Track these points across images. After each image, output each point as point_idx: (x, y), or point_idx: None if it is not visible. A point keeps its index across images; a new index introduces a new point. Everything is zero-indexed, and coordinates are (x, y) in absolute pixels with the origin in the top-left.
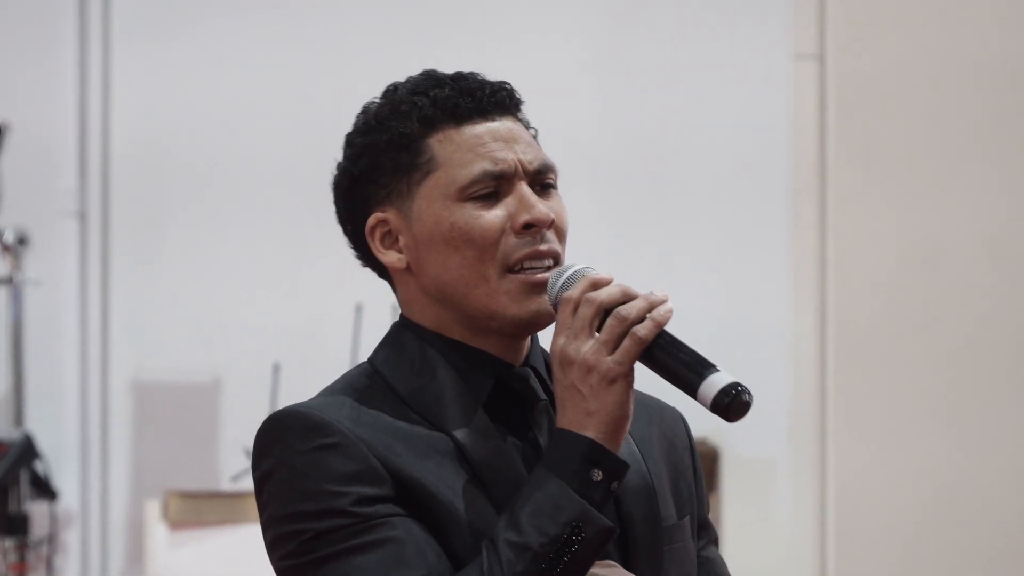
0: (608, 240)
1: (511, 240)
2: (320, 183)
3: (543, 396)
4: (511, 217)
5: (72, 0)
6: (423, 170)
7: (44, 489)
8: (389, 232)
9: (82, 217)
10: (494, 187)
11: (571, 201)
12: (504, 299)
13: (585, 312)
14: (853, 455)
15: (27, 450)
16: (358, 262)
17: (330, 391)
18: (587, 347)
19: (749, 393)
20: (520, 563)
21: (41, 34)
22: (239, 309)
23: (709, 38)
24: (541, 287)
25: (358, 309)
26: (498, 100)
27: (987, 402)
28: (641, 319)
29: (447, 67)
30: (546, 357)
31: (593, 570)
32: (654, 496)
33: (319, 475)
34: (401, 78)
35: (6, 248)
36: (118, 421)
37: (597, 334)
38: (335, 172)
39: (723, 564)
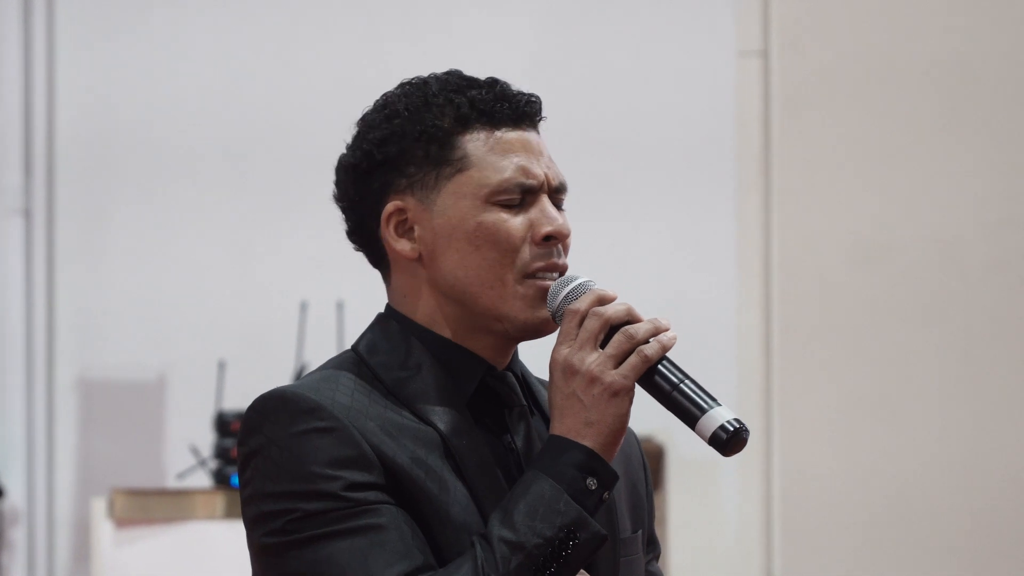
0: None
1: (531, 249)
2: (267, 181)
3: (523, 401)
4: (533, 226)
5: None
6: (455, 167)
7: None
8: (405, 220)
9: (27, 214)
10: (521, 197)
11: None
12: (519, 303)
13: (592, 325)
14: (798, 452)
15: None
16: (303, 260)
17: (320, 372)
18: (592, 359)
19: (747, 430)
20: (514, 560)
21: None
22: (184, 307)
23: (653, 35)
24: None
25: (303, 307)
26: (530, 111)
27: (932, 398)
28: (647, 340)
29: (395, 60)
30: (524, 368)
31: None
32: (615, 509)
33: (312, 457)
34: (350, 72)
35: None
36: (64, 419)
37: (601, 348)
38: (348, 154)
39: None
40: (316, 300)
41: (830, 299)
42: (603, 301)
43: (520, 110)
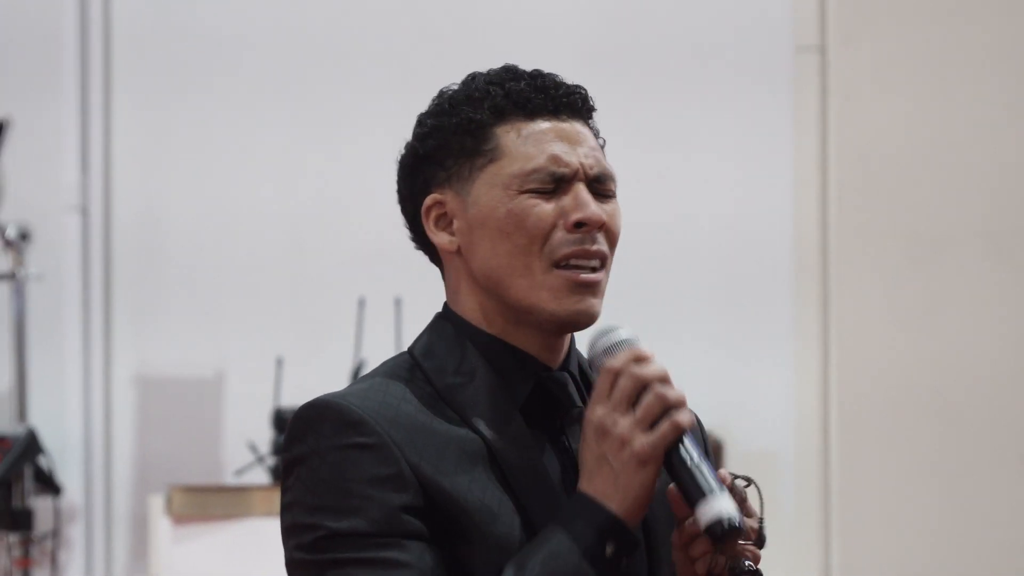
0: None
1: (561, 235)
2: (322, 177)
3: (579, 403)
4: (564, 213)
5: None
6: (487, 157)
7: (48, 484)
8: (444, 214)
9: (84, 212)
10: (554, 185)
11: None
12: (545, 294)
13: (626, 385)
14: (856, 447)
15: (31, 445)
16: (362, 257)
17: (371, 380)
18: (624, 422)
19: (742, 530)
20: None
21: (42, 30)
22: (242, 303)
23: (709, 30)
24: (584, 288)
25: (361, 303)
26: (570, 102)
27: (989, 401)
28: (680, 406)
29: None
30: (582, 361)
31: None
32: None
33: (349, 473)
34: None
35: (8, 243)
36: (121, 416)
37: (634, 410)
38: (402, 150)
39: None
40: (374, 296)
41: (888, 294)
42: (640, 359)
43: (558, 100)
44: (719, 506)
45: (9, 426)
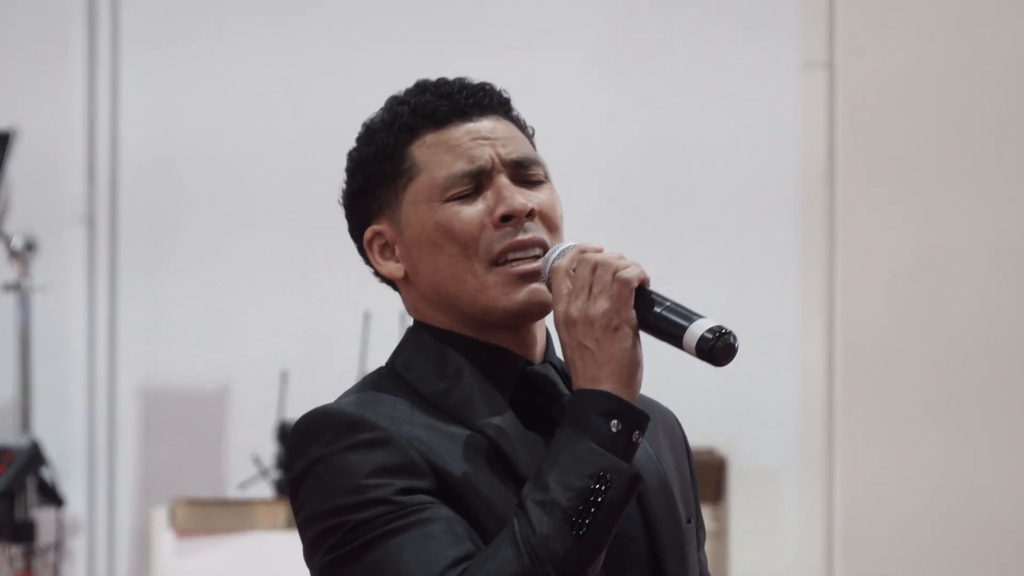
0: (615, 247)
1: (492, 233)
2: (329, 191)
3: (565, 391)
4: (490, 211)
5: (81, 6)
6: (407, 176)
7: (51, 496)
8: (386, 243)
9: (90, 223)
10: (473, 185)
11: (579, 210)
12: (493, 292)
13: (582, 272)
14: (861, 464)
15: (34, 457)
16: (367, 270)
17: (355, 392)
18: (584, 302)
19: (735, 336)
20: (550, 520)
21: (49, 39)
22: (247, 316)
23: (717, 46)
24: (528, 278)
25: (367, 317)
26: (477, 100)
27: (995, 411)
28: (627, 265)
29: (456, 75)
30: (560, 360)
31: None
32: (672, 495)
33: (358, 470)
34: (410, 84)
35: (14, 254)
36: (125, 428)
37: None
38: (341, 188)
39: (707, 565)
40: (380, 310)
41: (894, 310)
42: (586, 251)
43: (463, 102)
44: (700, 325)
45: (12, 437)
